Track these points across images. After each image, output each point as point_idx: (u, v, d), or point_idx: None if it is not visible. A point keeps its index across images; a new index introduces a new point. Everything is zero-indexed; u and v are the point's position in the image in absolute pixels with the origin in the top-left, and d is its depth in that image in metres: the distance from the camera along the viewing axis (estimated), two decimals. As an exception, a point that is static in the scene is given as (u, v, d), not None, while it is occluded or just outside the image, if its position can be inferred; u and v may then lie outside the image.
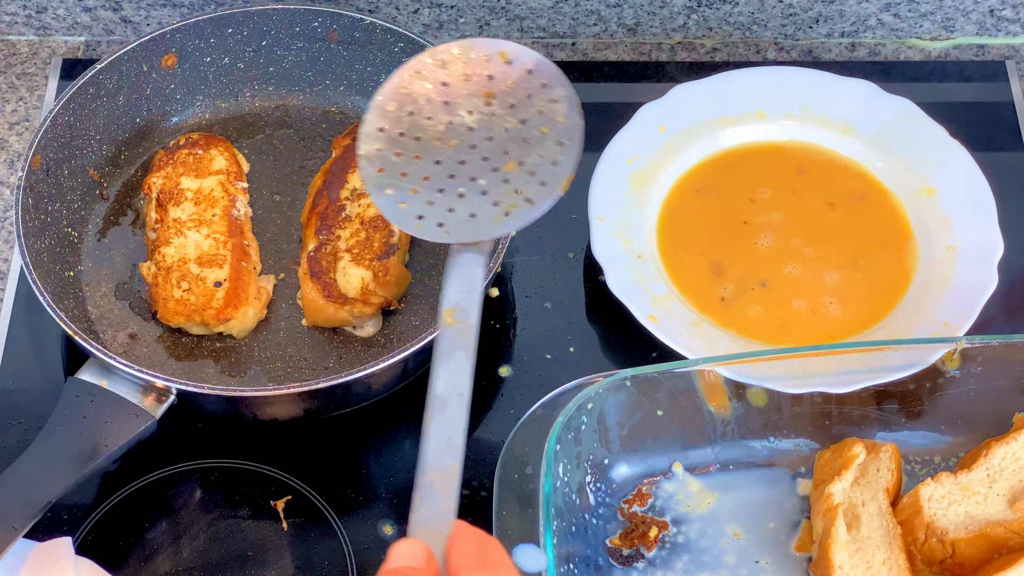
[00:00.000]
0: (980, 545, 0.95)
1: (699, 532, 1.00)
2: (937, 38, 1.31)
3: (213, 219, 1.10)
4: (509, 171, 0.89)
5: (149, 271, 1.08)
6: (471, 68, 0.92)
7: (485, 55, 0.92)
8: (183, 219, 1.10)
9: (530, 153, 0.89)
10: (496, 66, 0.92)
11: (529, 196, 0.88)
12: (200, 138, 1.15)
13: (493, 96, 0.91)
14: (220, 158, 1.14)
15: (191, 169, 1.13)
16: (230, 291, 1.06)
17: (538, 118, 0.91)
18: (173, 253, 1.08)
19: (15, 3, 1.26)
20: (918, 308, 1.09)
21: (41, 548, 0.94)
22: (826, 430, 1.03)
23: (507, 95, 0.91)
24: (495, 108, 0.91)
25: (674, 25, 1.29)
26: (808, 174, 1.18)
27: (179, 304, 1.06)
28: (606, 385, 0.97)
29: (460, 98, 0.91)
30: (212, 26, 1.16)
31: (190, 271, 1.07)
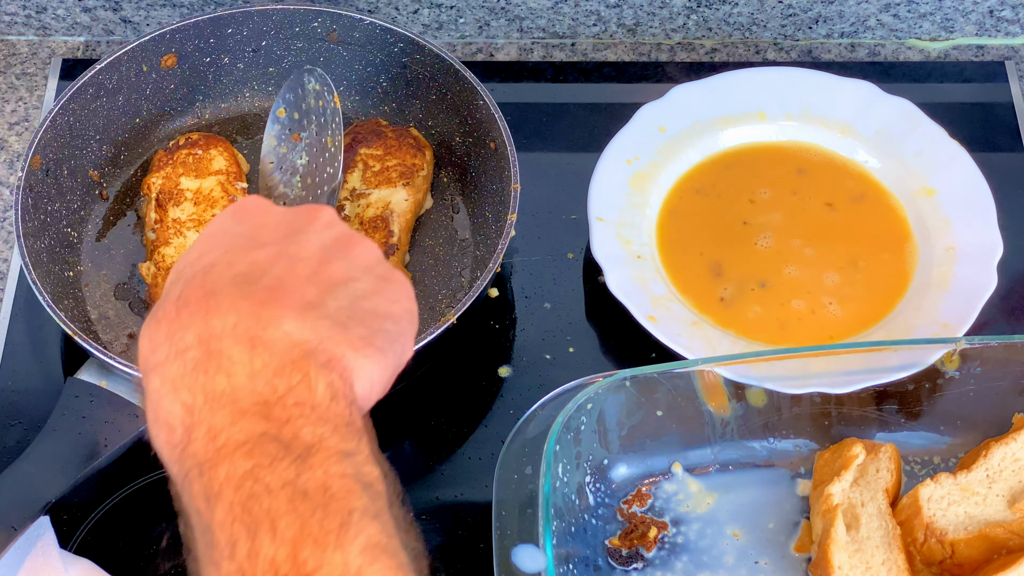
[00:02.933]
0: (979, 546, 0.95)
1: (698, 532, 1.00)
2: (937, 39, 1.31)
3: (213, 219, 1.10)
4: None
5: (149, 271, 1.08)
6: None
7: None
8: (183, 219, 1.10)
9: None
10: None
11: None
12: (200, 138, 1.15)
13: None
14: (220, 158, 1.14)
15: (191, 169, 1.13)
16: None
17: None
18: (173, 253, 1.08)
19: (15, 3, 1.26)
20: (918, 308, 1.09)
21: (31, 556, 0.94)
22: (826, 430, 1.03)
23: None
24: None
25: (674, 25, 1.30)
26: (808, 174, 1.18)
27: None
28: (606, 385, 0.97)
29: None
30: (212, 26, 1.16)
31: None
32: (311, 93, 1.11)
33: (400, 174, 1.13)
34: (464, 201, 1.16)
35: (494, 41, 1.31)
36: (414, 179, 1.13)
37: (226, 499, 0.62)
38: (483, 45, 1.31)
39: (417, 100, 1.18)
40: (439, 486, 1.04)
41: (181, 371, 0.65)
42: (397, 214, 1.11)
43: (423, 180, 1.14)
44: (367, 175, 1.13)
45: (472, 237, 1.14)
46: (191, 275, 0.69)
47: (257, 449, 0.63)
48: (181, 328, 0.66)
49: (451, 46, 1.30)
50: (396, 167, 1.13)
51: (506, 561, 0.92)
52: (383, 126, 1.16)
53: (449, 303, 1.10)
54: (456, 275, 1.12)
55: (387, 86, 1.19)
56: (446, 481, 1.05)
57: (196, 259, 0.70)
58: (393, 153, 1.14)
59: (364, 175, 1.13)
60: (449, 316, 1.02)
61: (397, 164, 1.13)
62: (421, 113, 1.19)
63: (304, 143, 1.10)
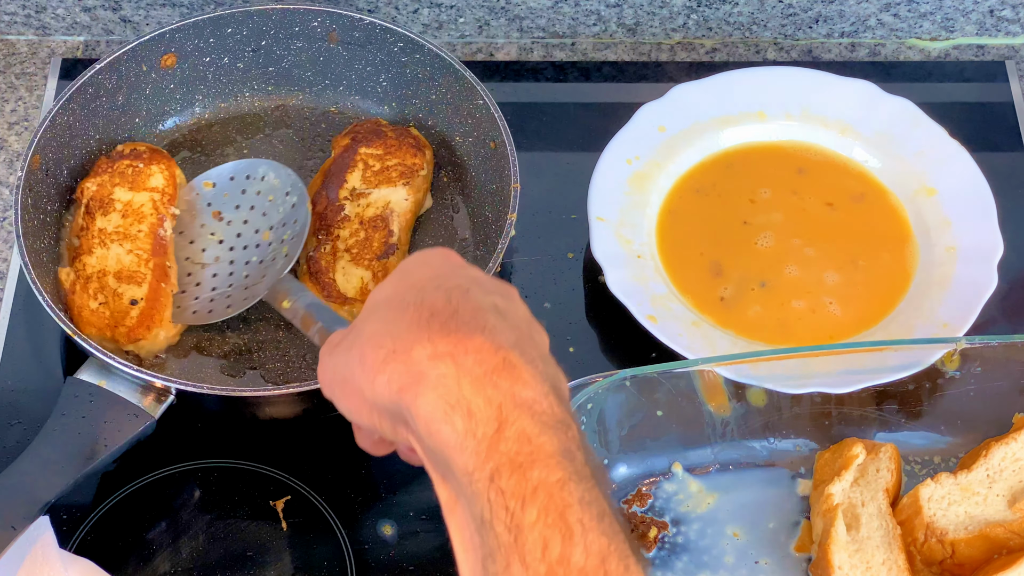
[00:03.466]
0: (980, 545, 0.95)
1: (699, 532, 1.00)
2: (937, 38, 1.31)
3: (138, 235, 1.08)
4: (268, 237, 1.09)
5: (68, 277, 1.06)
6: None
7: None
8: (108, 230, 1.08)
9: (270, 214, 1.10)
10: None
11: (292, 232, 1.07)
12: (145, 151, 1.13)
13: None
14: (159, 176, 1.11)
15: (127, 181, 1.10)
16: (145, 311, 1.05)
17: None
18: (94, 263, 1.07)
19: (14, 3, 1.26)
20: (918, 308, 1.09)
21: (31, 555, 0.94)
22: (826, 430, 1.03)
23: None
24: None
25: (674, 25, 1.29)
26: (808, 174, 1.18)
27: (93, 315, 1.04)
28: (605, 385, 0.97)
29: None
30: (212, 26, 1.16)
31: (108, 284, 1.06)
32: (268, 187, 1.12)
33: (400, 174, 1.13)
34: (464, 201, 1.16)
35: (494, 41, 1.31)
36: (414, 179, 1.13)
37: (540, 502, 0.67)
38: (483, 45, 1.31)
39: (417, 100, 1.18)
40: (439, 486, 1.04)
41: (482, 369, 0.71)
42: (397, 214, 1.11)
43: (423, 180, 1.14)
44: (367, 175, 1.13)
45: (472, 237, 1.14)
46: (449, 287, 0.75)
47: (566, 462, 0.69)
48: (463, 329, 0.72)
49: (451, 46, 1.30)
50: (396, 167, 1.13)
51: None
52: (383, 126, 1.16)
53: (449, 303, 1.10)
54: (456, 275, 1.12)
55: (387, 86, 1.19)
56: (446, 481, 1.04)
57: (438, 277, 0.77)
58: (393, 153, 1.14)
59: (364, 175, 1.13)
60: (449, 316, 1.02)
61: (397, 164, 1.13)
62: (421, 113, 1.19)
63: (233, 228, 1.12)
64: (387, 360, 0.73)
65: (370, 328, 0.76)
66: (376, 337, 0.75)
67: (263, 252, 1.08)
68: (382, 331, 0.75)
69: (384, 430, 0.76)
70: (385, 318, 0.75)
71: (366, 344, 0.75)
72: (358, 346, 0.76)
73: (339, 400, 0.79)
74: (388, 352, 0.73)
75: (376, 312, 0.77)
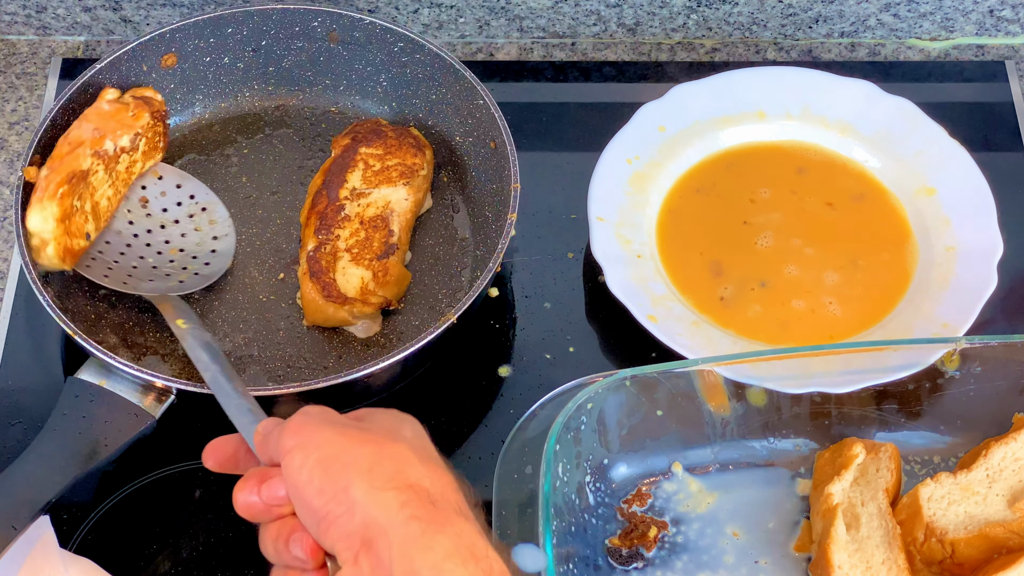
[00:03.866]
0: (979, 545, 0.95)
1: (698, 532, 1.00)
2: (937, 38, 1.31)
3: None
4: (173, 255, 1.10)
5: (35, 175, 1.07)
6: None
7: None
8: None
9: (187, 243, 1.11)
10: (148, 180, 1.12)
11: (198, 271, 1.09)
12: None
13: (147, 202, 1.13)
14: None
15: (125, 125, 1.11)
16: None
17: (189, 221, 1.12)
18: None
19: (15, 3, 1.26)
20: (918, 308, 1.09)
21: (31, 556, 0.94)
22: (826, 430, 1.03)
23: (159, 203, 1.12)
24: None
25: (674, 25, 1.30)
26: (808, 174, 1.18)
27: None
28: (606, 385, 0.97)
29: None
30: (212, 26, 1.16)
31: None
32: (204, 222, 1.13)
33: (400, 174, 1.13)
34: (464, 201, 1.16)
35: (494, 41, 1.31)
36: (414, 179, 1.13)
37: None
38: (483, 45, 1.31)
39: (417, 100, 1.18)
40: (439, 486, 1.04)
41: (475, 536, 0.78)
42: (397, 213, 1.11)
43: (423, 180, 1.14)
44: (367, 174, 1.13)
45: (472, 237, 1.14)
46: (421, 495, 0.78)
47: None
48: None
49: (451, 46, 1.30)
50: (396, 167, 1.13)
51: (506, 561, 0.91)
52: (383, 125, 1.16)
53: (449, 303, 1.10)
54: (456, 275, 1.12)
55: (387, 86, 1.19)
56: (446, 481, 1.04)
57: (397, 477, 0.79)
58: (393, 153, 1.14)
59: (364, 174, 1.13)
60: (449, 316, 1.02)
61: (397, 164, 1.13)
62: (421, 113, 1.19)
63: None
64: (410, 488, 0.77)
65: (396, 446, 0.79)
66: (401, 458, 0.78)
67: (163, 261, 1.09)
68: (408, 456, 0.79)
69: (333, 534, 0.77)
70: (412, 446, 0.80)
71: (390, 457, 0.78)
72: (378, 448, 0.79)
73: (311, 474, 0.78)
74: (410, 482, 0.77)
75: (400, 433, 0.82)
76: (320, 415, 0.82)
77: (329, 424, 0.81)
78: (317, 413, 0.82)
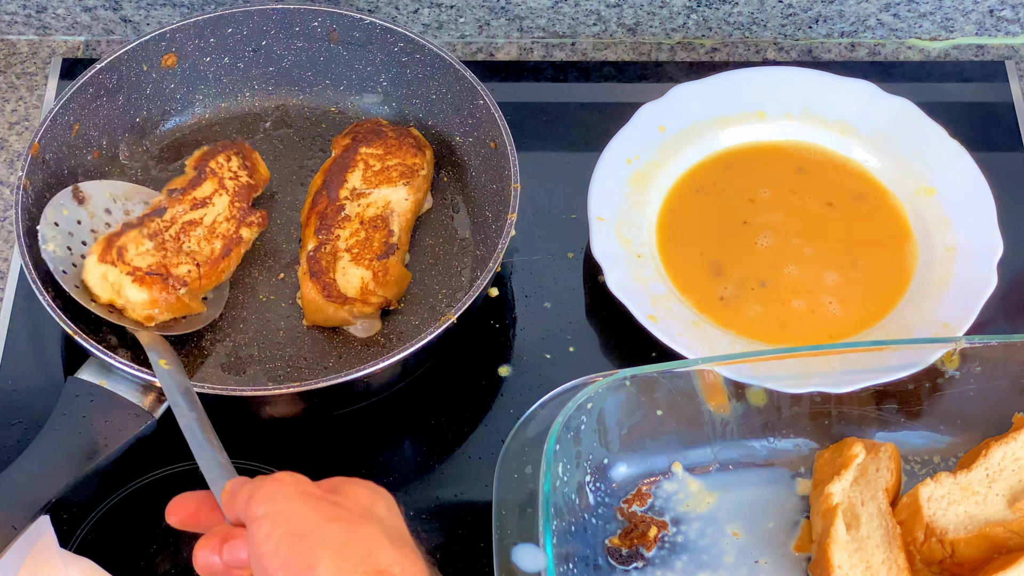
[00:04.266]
0: (979, 545, 0.95)
1: (698, 532, 1.00)
2: (937, 38, 1.31)
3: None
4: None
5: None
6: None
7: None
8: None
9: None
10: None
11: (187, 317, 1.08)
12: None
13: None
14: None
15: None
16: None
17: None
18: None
19: (15, 3, 1.26)
20: (917, 308, 1.09)
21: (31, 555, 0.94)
22: (826, 430, 1.03)
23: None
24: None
25: (674, 25, 1.30)
26: (808, 174, 1.18)
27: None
28: (606, 385, 0.97)
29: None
30: (212, 26, 1.16)
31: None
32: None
33: (400, 174, 1.13)
34: (464, 201, 1.16)
35: (494, 41, 1.31)
36: (414, 179, 1.13)
37: None
38: (483, 45, 1.31)
39: (417, 100, 1.18)
40: (439, 485, 1.04)
41: None
42: (397, 213, 1.11)
43: (423, 180, 1.14)
44: (367, 174, 1.13)
45: (472, 237, 1.14)
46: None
47: None
48: None
49: (451, 46, 1.30)
50: (396, 167, 1.13)
51: (506, 560, 0.92)
52: (383, 125, 1.16)
53: (449, 303, 1.10)
54: (456, 275, 1.12)
55: (387, 86, 1.19)
56: (446, 480, 1.05)
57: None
58: (393, 153, 1.14)
59: (364, 174, 1.13)
60: (449, 316, 1.02)
61: (397, 164, 1.13)
62: (421, 113, 1.19)
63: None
64: (379, 573, 0.76)
65: (368, 527, 0.78)
66: (372, 539, 0.77)
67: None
68: (380, 538, 0.77)
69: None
70: (385, 526, 0.79)
71: (362, 537, 0.77)
72: (349, 528, 0.77)
73: (278, 545, 0.77)
74: (379, 567, 0.76)
75: (373, 512, 0.80)
76: (293, 484, 0.80)
77: (301, 496, 0.79)
78: (290, 482, 0.80)
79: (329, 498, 0.80)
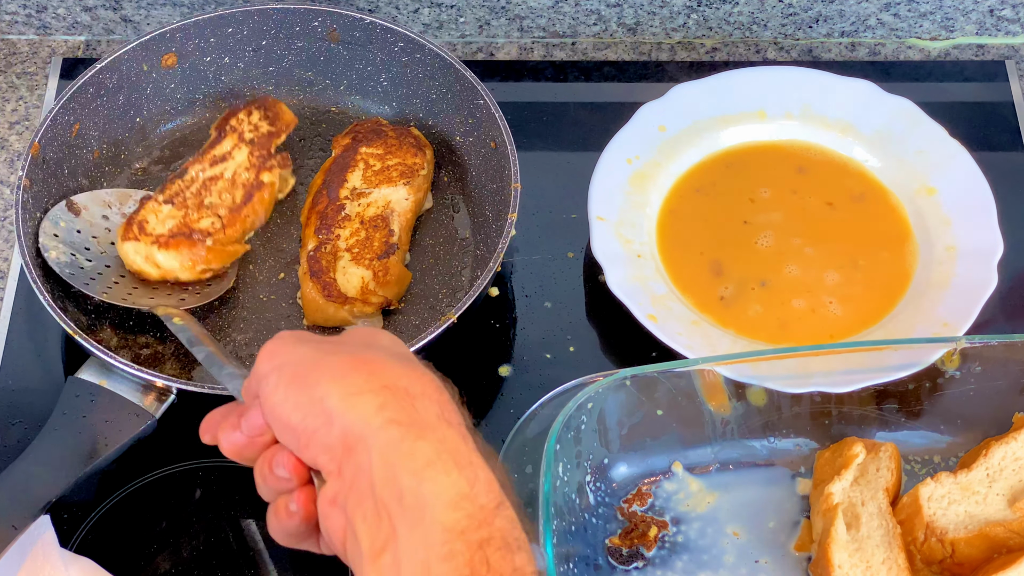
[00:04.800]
0: (980, 545, 0.95)
1: (699, 532, 1.00)
2: (937, 38, 1.31)
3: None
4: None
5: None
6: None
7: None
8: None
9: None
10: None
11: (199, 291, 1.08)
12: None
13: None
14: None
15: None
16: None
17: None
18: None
19: (15, 2, 1.26)
20: (918, 308, 1.09)
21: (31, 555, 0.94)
22: (826, 430, 1.03)
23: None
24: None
25: (674, 25, 1.30)
26: (808, 174, 1.18)
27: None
28: (606, 385, 0.97)
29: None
30: (212, 26, 1.16)
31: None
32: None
33: (400, 173, 1.13)
34: (464, 200, 1.16)
35: (494, 40, 1.31)
36: (414, 178, 1.13)
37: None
38: (483, 44, 1.31)
39: (417, 99, 1.18)
40: (439, 485, 1.04)
41: (485, 451, 0.74)
42: (397, 213, 1.11)
43: (423, 179, 1.14)
44: (367, 174, 1.13)
45: (472, 236, 1.14)
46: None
47: (536, 556, 0.73)
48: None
49: (451, 45, 1.30)
50: (396, 166, 1.13)
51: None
52: (383, 125, 1.16)
53: (449, 302, 1.10)
54: (456, 274, 1.12)
55: (387, 85, 1.19)
56: (446, 480, 1.04)
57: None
58: (394, 152, 1.14)
59: (364, 174, 1.13)
60: (449, 315, 1.02)
61: (398, 163, 1.13)
62: (421, 112, 1.19)
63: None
64: (386, 388, 0.73)
65: (370, 353, 0.76)
66: (376, 362, 0.75)
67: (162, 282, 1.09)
68: (384, 360, 0.75)
69: (314, 448, 0.74)
70: (389, 352, 0.77)
71: (365, 361, 0.75)
72: (351, 356, 0.75)
73: (286, 391, 0.75)
74: (386, 383, 0.73)
75: (375, 343, 0.79)
76: (293, 336, 0.79)
77: (302, 342, 0.78)
78: (290, 335, 0.79)
79: (330, 339, 0.79)
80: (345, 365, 0.74)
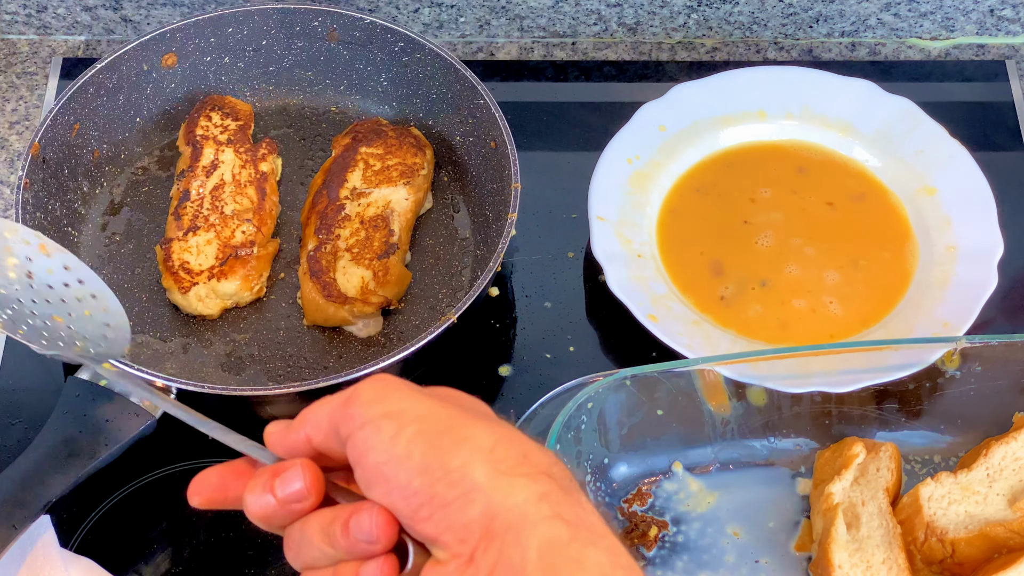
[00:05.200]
0: (980, 545, 0.95)
1: (699, 531, 1.00)
2: (937, 38, 1.31)
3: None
4: (58, 322, 0.88)
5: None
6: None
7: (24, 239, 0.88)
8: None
9: (75, 324, 0.88)
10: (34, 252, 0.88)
11: (89, 349, 0.88)
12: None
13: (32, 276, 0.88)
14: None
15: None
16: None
17: (78, 304, 0.89)
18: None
19: (15, 2, 1.26)
20: (918, 308, 1.09)
21: (31, 555, 0.94)
22: (826, 430, 1.03)
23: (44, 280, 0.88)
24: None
25: (674, 25, 1.30)
26: (808, 174, 1.18)
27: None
28: (606, 385, 0.97)
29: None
30: (212, 25, 1.16)
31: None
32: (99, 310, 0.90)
33: (401, 173, 1.13)
34: (464, 200, 1.16)
35: (494, 40, 1.31)
36: (414, 178, 1.13)
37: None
38: (483, 44, 1.31)
39: (417, 99, 1.18)
40: (439, 485, 1.04)
41: (628, 556, 0.66)
42: (398, 213, 1.11)
43: (423, 179, 1.14)
44: (367, 174, 1.13)
45: (472, 236, 1.14)
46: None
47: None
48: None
49: (451, 45, 1.30)
50: (397, 166, 1.13)
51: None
52: (384, 125, 1.16)
53: (450, 302, 1.10)
54: (456, 274, 1.12)
55: (387, 85, 1.19)
56: (446, 480, 1.04)
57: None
58: (394, 152, 1.14)
59: (364, 174, 1.13)
60: (450, 315, 1.02)
61: (398, 163, 1.13)
62: (421, 112, 1.19)
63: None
64: (546, 476, 0.64)
65: (510, 427, 0.67)
66: (521, 437, 0.66)
67: (53, 329, 0.89)
68: (525, 440, 0.66)
69: (439, 522, 0.64)
70: (513, 429, 0.68)
71: (510, 436, 0.66)
72: (491, 423, 0.66)
73: (410, 447, 0.65)
74: (543, 469, 0.65)
75: (487, 411, 0.69)
76: (401, 381, 0.67)
77: (418, 394, 0.66)
78: (394, 380, 0.67)
79: (449, 399, 0.68)
80: (489, 436, 0.65)
